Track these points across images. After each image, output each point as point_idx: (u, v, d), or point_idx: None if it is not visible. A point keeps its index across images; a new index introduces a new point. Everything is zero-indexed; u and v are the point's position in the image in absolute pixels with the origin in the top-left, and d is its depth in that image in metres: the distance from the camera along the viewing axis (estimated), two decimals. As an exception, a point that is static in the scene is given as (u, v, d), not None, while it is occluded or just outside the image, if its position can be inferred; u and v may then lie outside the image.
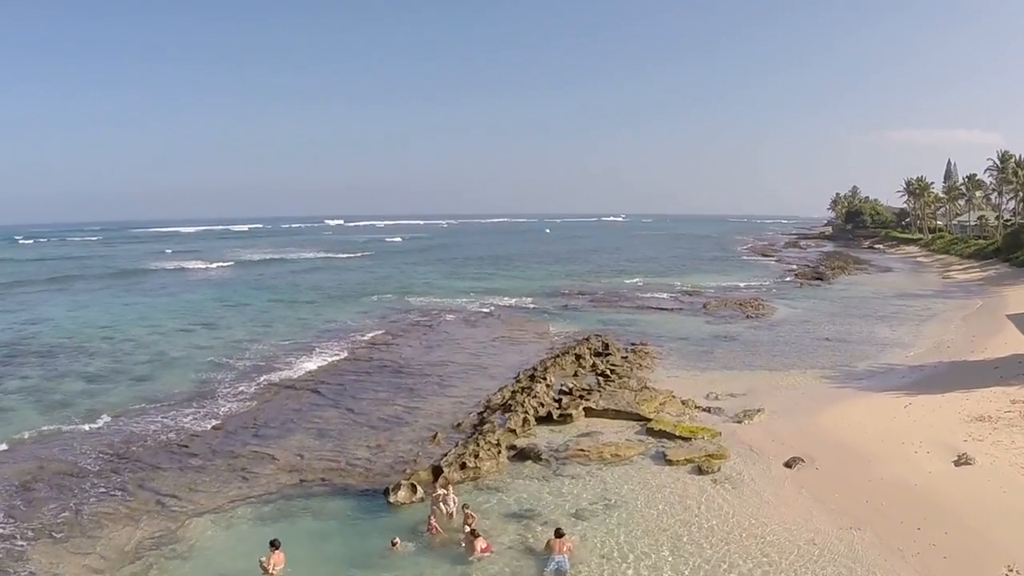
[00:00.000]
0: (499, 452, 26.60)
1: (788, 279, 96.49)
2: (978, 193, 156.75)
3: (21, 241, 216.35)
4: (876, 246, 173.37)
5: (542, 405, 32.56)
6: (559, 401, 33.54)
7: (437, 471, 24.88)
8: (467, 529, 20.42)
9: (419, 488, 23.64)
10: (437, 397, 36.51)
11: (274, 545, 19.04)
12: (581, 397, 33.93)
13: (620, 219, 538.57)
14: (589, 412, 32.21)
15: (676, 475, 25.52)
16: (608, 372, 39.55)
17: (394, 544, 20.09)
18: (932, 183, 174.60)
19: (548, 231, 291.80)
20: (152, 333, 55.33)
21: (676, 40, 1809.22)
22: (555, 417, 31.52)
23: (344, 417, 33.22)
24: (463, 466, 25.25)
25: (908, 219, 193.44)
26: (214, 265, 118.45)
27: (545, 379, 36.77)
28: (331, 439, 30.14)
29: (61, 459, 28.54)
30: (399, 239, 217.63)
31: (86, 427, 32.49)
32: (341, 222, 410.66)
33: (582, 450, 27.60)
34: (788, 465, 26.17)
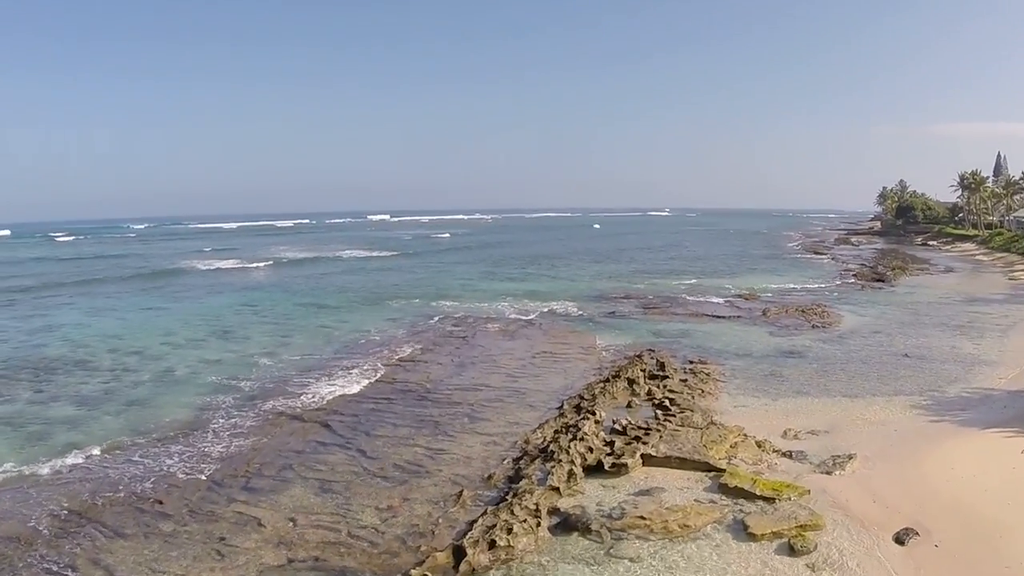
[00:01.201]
0: (538, 524, 21.09)
1: (849, 280, 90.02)
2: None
3: (59, 238, 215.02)
4: (930, 243, 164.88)
5: (590, 451, 26.93)
6: (611, 444, 27.82)
7: (459, 553, 19.54)
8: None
9: (434, 582, 18.31)
10: (466, 435, 31.01)
11: None
12: (637, 439, 28.23)
13: (665, 213, 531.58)
14: (648, 460, 26.59)
15: (762, 557, 19.97)
16: (667, 402, 33.87)
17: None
18: (987, 177, 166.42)
19: (597, 226, 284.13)
20: (163, 343, 50.86)
21: (708, 28, 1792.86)
22: (607, 467, 25.91)
23: (353, 463, 27.86)
24: (492, 545, 19.81)
25: (961, 214, 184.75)
26: (248, 265, 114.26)
27: (594, 414, 31.11)
28: (334, 495, 24.86)
29: (13, 515, 23.92)
30: (441, 236, 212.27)
31: (56, 468, 27.95)
32: (387, 217, 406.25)
33: (642, 518, 21.95)
34: (899, 540, 20.66)
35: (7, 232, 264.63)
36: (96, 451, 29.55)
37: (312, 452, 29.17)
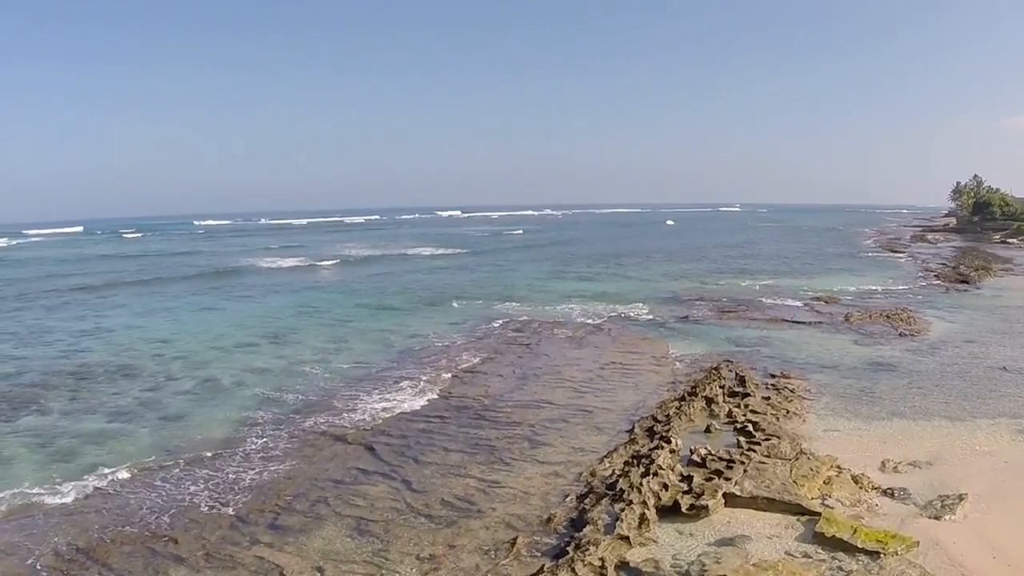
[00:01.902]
0: (604, 586, 17.76)
1: (933, 281, 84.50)
2: None
3: (127, 235, 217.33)
4: (1009, 240, 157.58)
5: (665, 488, 23.27)
6: (688, 480, 24.13)
7: (508, 624, 16.33)
8: None
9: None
10: (525, 463, 27.55)
11: None
12: (718, 473, 24.51)
13: (736, 209, 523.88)
14: (730, 499, 22.94)
15: (874, 637, 16.36)
16: (750, 426, 30.01)
17: None
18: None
19: (670, 222, 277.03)
20: (211, 348, 48.70)
21: (782, 14, 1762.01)
22: (684, 509, 22.30)
23: (396, 497, 24.62)
24: (548, 613, 16.56)
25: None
26: (312, 263, 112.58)
27: (669, 442, 27.45)
28: (370, 538, 21.59)
29: (14, 551, 21.37)
30: (512, 232, 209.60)
31: (73, 493, 25.44)
32: (458, 213, 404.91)
33: (726, 578, 18.45)
34: (1030, 613, 16.90)
35: (80, 228, 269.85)
36: (119, 474, 26.98)
37: (352, 482, 26.06)
